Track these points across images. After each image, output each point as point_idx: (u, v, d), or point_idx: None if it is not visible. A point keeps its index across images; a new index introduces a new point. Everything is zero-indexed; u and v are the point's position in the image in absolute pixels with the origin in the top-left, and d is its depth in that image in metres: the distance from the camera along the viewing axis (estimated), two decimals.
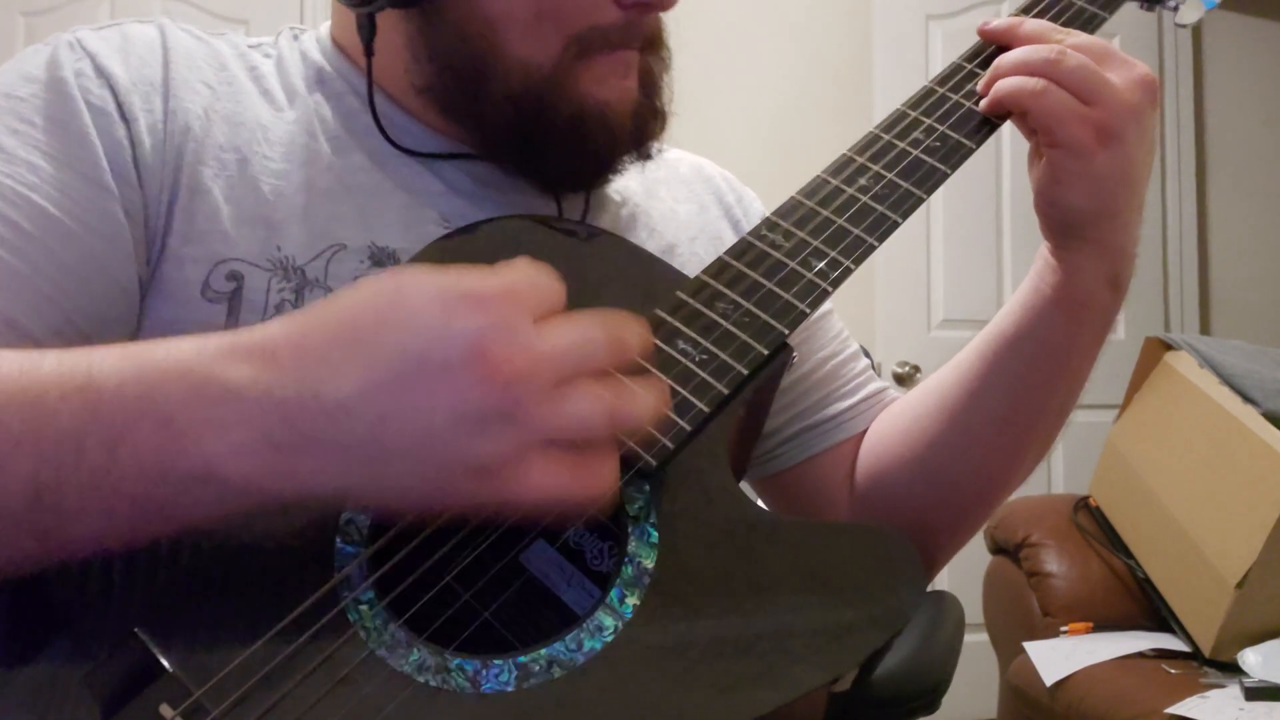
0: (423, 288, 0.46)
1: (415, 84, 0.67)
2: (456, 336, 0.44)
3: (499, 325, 0.44)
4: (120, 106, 0.62)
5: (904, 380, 2.74)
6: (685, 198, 0.80)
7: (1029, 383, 0.70)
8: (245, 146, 0.65)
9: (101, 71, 0.62)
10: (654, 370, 0.54)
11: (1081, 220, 0.66)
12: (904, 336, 2.79)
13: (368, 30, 0.66)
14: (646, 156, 0.71)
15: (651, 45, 0.68)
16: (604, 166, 0.68)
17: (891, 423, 0.78)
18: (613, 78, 0.66)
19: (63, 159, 0.60)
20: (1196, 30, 3.19)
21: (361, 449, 0.44)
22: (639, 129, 0.68)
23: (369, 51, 0.67)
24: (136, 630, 0.47)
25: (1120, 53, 0.65)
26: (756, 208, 0.83)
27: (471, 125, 0.67)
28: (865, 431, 0.79)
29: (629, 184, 0.75)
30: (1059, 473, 2.85)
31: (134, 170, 0.61)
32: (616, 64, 0.65)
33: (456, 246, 0.63)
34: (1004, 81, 0.65)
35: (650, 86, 0.68)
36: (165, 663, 0.45)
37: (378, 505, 0.50)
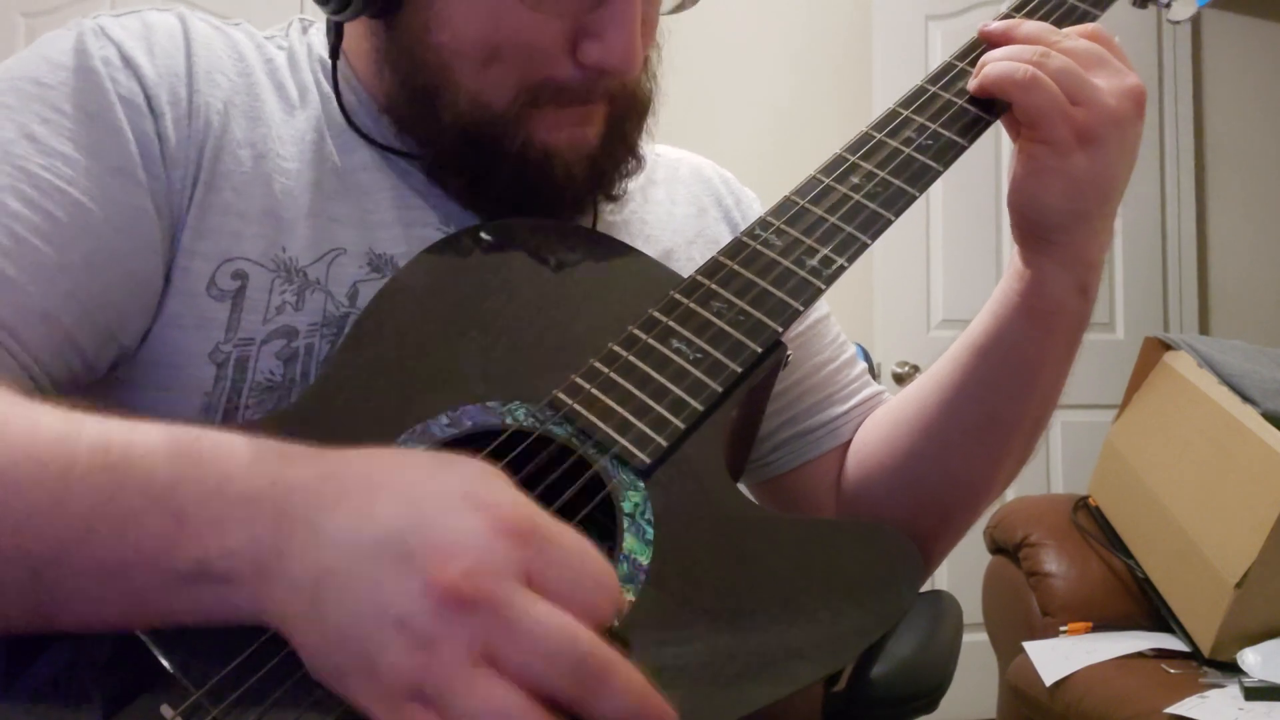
0: (456, 494, 0.42)
1: (379, 95, 0.68)
2: (446, 546, 0.40)
3: (498, 564, 0.39)
4: (149, 100, 0.61)
5: (903, 380, 2.74)
6: (684, 200, 0.80)
7: (1001, 392, 0.70)
8: (261, 143, 0.64)
9: (129, 62, 0.62)
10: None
11: (1051, 219, 0.65)
12: (903, 336, 2.79)
13: (334, 35, 0.67)
14: (611, 198, 0.70)
15: (619, 99, 0.67)
16: (551, 206, 0.67)
17: (875, 429, 0.78)
18: (568, 125, 0.65)
19: (95, 150, 0.59)
20: (1195, 30, 3.19)
21: (301, 597, 0.41)
22: (596, 175, 0.67)
23: (334, 55, 0.67)
24: (137, 632, 0.47)
25: (1116, 61, 0.65)
26: (755, 209, 0.83)
27: (423, 143, 0.67)
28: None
29: (627, 188, 0.75)
30: (1058, 472, 2.85)
31: (161, 164, 0.61)
32: (573, 115, 0.65)
33: (450, 253, 0.63)
34: (993, 65, 0.64)
35: (615, 135, 0.67)
36: (166, 664, 0.45)
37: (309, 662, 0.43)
